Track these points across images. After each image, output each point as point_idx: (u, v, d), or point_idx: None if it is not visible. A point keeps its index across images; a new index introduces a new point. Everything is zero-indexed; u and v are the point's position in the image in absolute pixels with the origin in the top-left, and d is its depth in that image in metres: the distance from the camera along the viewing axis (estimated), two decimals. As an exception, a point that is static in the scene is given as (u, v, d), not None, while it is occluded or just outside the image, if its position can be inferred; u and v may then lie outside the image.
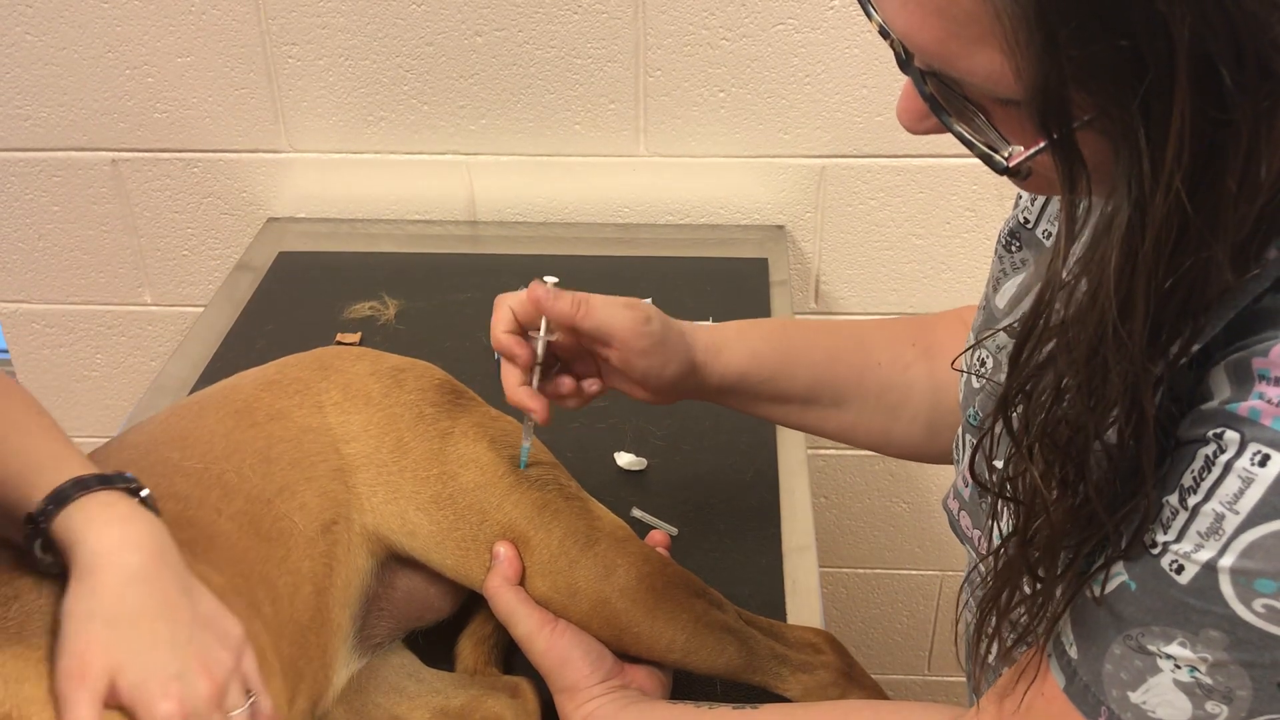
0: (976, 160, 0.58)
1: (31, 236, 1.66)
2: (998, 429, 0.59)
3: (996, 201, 1.54)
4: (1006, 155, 0.55)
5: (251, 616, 0.79)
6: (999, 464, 0.62)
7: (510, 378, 0.89)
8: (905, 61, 0.58)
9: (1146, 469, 0.55)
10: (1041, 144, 0.52)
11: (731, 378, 0.94)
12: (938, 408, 0.95)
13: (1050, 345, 0.55)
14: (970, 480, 0.78)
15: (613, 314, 0.88)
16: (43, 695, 0.66)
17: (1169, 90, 0.48)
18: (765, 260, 1.51)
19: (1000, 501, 0.72)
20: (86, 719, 0.66)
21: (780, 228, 1.59)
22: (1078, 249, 0.53)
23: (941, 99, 0.57)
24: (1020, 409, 0.57)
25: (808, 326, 0.99)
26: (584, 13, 1.47)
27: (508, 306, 0.89)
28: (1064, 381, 0.54)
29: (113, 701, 0.67)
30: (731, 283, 1.47)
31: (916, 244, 1.59)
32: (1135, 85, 0.48)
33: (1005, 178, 0.58)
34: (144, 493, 0.75)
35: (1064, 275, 0.53)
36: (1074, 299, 0.53)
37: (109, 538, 0.70)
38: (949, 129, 0.57)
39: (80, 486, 0.71)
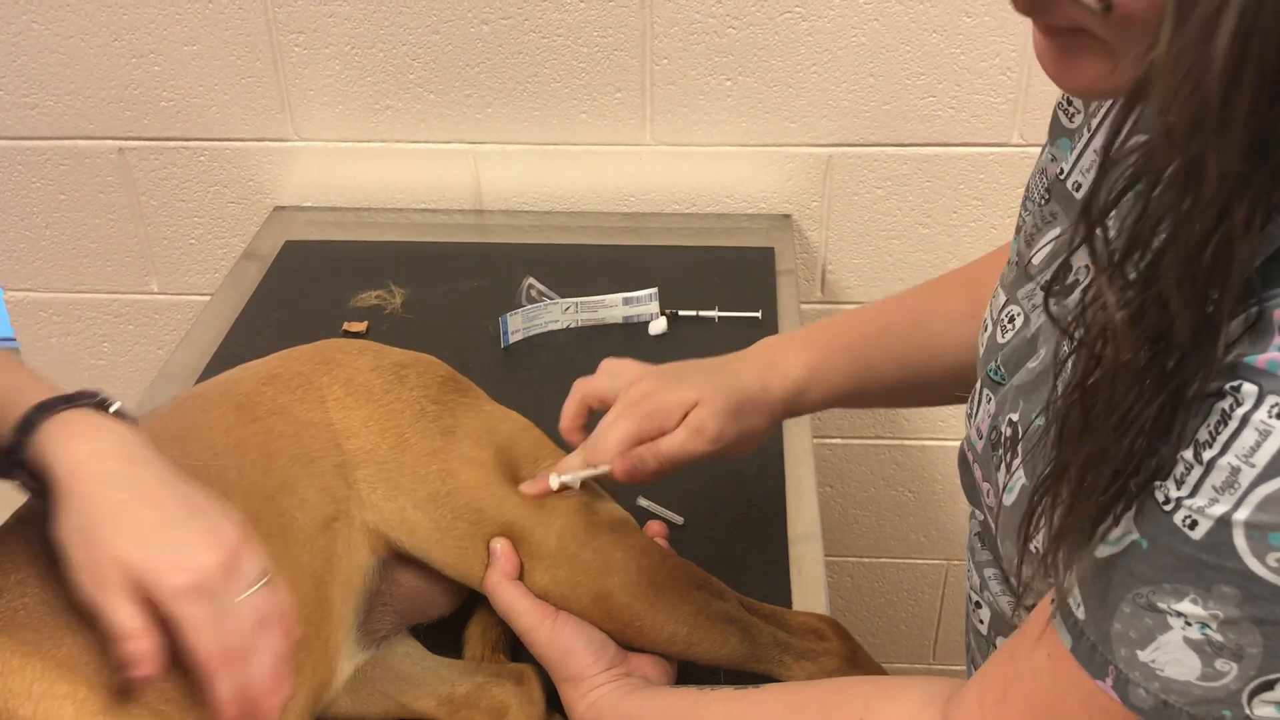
0: (983, 149, 0.56)
1: (38, 225, 1.67)
2: (1076, 258, 0.56)
3: (1003, 191, 1.54)
4: None
5: None
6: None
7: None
8: None
9: (1224, 302, 0.52)
10: None
11: (809, 412, 1.02)
12: None
13: (1141, 141, 0.52)
14: (983, 434, 0.78)
15: (686, 449, 0.91)
16: (25, 688, 0.66)
17: None
18: (772, 249, 1.51)
19: (1011, 454, 0.71)
20: (125, 614, 0.66)
21: (787, 217, 1.58)
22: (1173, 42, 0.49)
23: None
24: (1103, 227, 0.54)
25: (872, 335, 1.01)
26: (590, 1, 1.46)
27: (582, 402, 0.96)
28: (1160, 175, 0.51)
29: (139, 594, 0.67)
30: (738, 272, 1.47)
31: (923, 233, 1.58)
32: None
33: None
34: (114, 406, 0.74)
35: (1168, 60, 0.49)
36: (1174, 88, 0.49)
37: (77, 453, 0.70)
38: None
39: (44, 410, 0.71)
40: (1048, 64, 0.60)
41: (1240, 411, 0.53)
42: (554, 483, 0.90)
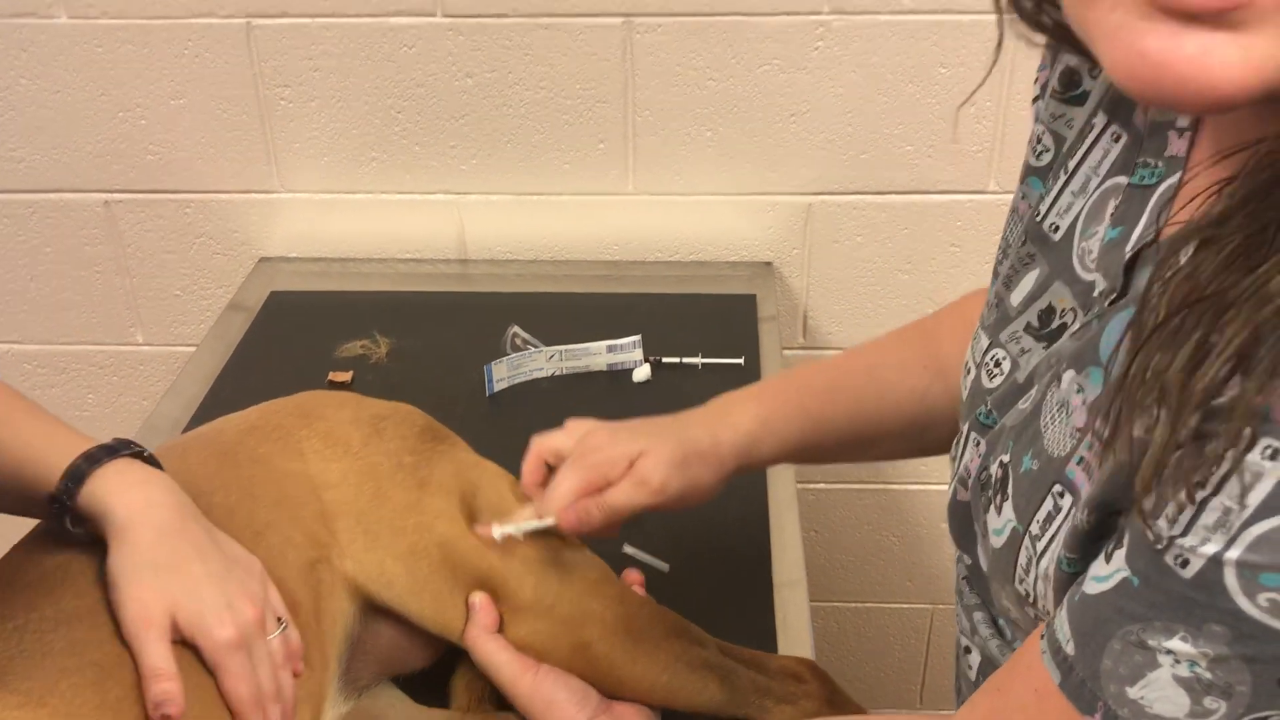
0: (960, 197, 0.56)
1: (24, 277, 1.67)
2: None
3: (981, 237, 1.55)
4: None
5: None
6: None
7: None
8: None
9: None
10: None
11: (761, 467, 1.04)
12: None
13: None
14: (972, 474, 0.78)
15: (630, 500, 0.91)
16: None
17: None
18: (753, 296, 1.52)
19: (1001, 496, 0.72)
20: (161, 655, 0.74)
21: (768, 264, 1.60)
22: None
23: None
24: None
25: (823, 387, 1.01)
26: (573, 54, 1.48)
27: (539, 457, 0.95)
28: None
29: (175, 636, 0.76)
30: (720, 319, 1.48)
31: (903, 279, 1.60)
32: None
33: None
34: (146, 453, 0.83)
35: None
36: None
37: (135, 501, 0.79)
38: None
39: (91, 460, 0.80)
40: (1177, 67, 0.51)
41: (1233, 453, 0.54)
42: (496, 534, 0.90)
